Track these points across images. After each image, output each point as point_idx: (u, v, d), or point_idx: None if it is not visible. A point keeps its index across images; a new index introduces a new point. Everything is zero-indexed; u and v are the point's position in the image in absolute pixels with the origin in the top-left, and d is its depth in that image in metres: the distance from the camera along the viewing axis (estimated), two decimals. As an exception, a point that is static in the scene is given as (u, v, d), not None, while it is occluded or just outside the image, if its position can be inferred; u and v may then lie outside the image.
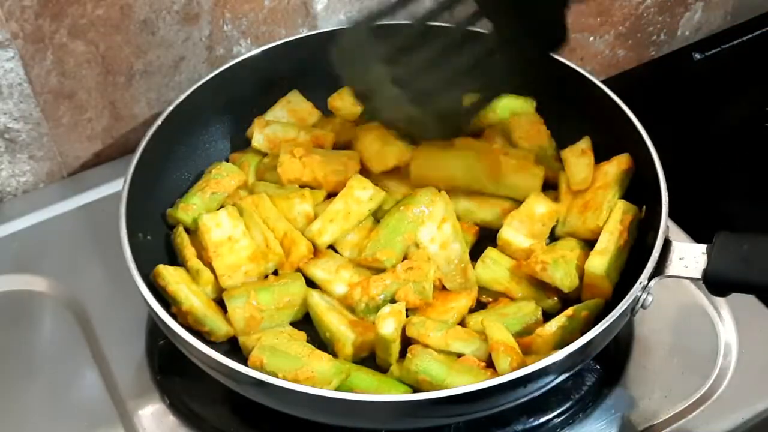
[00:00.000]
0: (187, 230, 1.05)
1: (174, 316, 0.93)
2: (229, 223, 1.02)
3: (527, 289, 1.00)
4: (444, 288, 1.01)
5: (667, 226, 0.94)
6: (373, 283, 0.98)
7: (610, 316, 0.87)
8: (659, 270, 0.92)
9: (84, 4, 1.10)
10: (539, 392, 0.89)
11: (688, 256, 0.92)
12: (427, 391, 0.87)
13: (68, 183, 1.23)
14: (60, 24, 1.10)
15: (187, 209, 1.05)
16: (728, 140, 1.38)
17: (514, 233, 1.03)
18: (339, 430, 0.92)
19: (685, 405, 0.98)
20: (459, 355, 0.93)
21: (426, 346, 0.93)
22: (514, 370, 0.87)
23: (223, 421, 0.98)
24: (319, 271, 1.02)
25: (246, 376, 0.84)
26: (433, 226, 1.03)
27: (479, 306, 1.01)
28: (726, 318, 1.05)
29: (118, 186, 1.05)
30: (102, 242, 1.12)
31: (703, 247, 0.91)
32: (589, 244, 1.02)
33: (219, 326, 0.96)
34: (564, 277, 0.97)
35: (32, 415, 0.99)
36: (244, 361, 0.89)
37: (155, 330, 1.03)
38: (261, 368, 0.90)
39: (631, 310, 0.90)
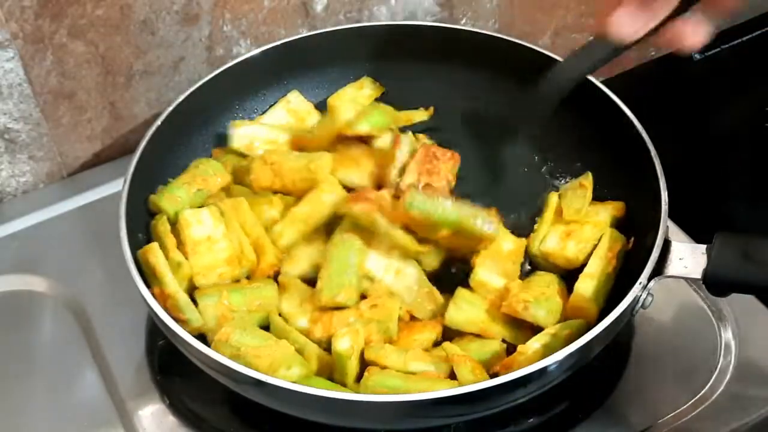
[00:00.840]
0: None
1: (154, 296, 0.92)
2: (211, 223, 1.01)
3: (504, 329, 0.98)
4: (412, 317, 0.99)
5: (667, 226, 0.94)
6: (336, 320, 0.95)
7: (610, 315, 0.87)
8: (659, 270, 0.92)
9: (84, 4, 1.10)
10: (539, 392, 0.89)
11: (688, 256, 0.92)
12: None
13: (68, 183, 1.23)
14: (60, 24, 1.10)
15: (172, 200, 1.04)
16: (728, 140, 1.38)
17: (488, 273, 1.00)
18: (339, 430, 0.92)
19: (685, 405, 0.98)
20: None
21: (384, 367, 0.92)
22: (477, 380, 0.87)
23: (223, 422, 0.98)
24: (283, 303, 0.99)
25: (245, 377, 0.84)
26: (379, 254, 1.00)
27: (444, 339, 0.99)
28: (726, 318, 1.05)
29: (117, 186, 1.04)
30: (102, 242, 1.11)
31: (702, 247, 0.91)
32: (564, 276, 1.01)
33: (197, 318, 0.95)
34: (547, 315, 0.96)
35: (32, 415, 0.99)
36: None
37: (155, 330, 1.03)
38: (227, 342, 0.90)
39: (632, 309, 0.90)
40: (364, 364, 0.93)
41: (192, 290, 0.98)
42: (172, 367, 1.01)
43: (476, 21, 1.40)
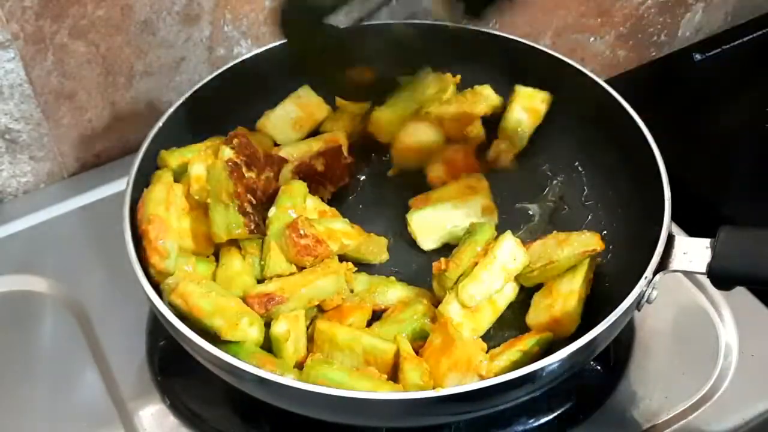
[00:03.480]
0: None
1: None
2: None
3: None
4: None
5: (671, 221, 0.94)
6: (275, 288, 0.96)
7: (615, 311, 0.87)
8: (663, 265, 0.91)
9: (85, 4, 1.10)
10: (540, 392, 0.89)
11: (692, 251, 0.91)
12: None
13: (69, 183, 1.23)
14: (61, 25, 1.10)
15: (179, 156, 1.05)
16: (728, 141, 1.38)
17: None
18: (339, 428, 0.92)
19: (686, 406, 0.98)
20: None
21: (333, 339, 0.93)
22: (424, 384, 0.87)
23: (224, 422, 0.98)
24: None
25: (248, 373, 0.84)
26: None
27: (374, 318, 0.99)
28: (727, 319, 1.05)
29: (118, 186, 1.04)
30: (103, 243, 1.12)
31: (707, 241, 0.91)
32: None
33: (172, 266, 0.95)
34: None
35: (33, 416, 0.99)
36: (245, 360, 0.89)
37: (156, 330, 1.03)
38: (180, 291, 0.91)
39: (637, 304, 0.90)
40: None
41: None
42: (172, 368, 1.01)
43: (477, 21, 1.40)
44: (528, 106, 1.14)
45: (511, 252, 0.97)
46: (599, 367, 1.01)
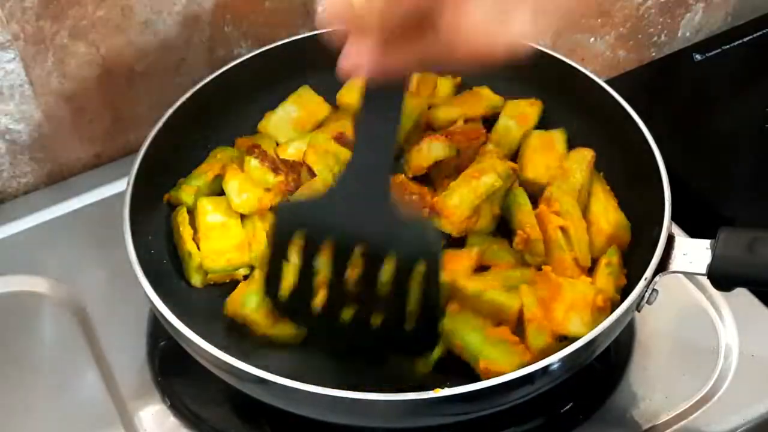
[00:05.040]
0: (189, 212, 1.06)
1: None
2: (225, 210, 1.04)
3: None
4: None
5: (671, 222, 0.94)
6: None
7: (615, 312, 0.87)
8: (663, 266, 0.91)
9: (85, 5, 1.10)
10: (540, 392, 0.89)
11: (692, 252, 0.91)
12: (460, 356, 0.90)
13: (69, 184, 1.23)
14: (61, 25, 1.10)
15: (190, 190, 1.06)
16: (729, 141, 1.38)
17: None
18: (340, 429, 0.92)
19: (686, 406, 0.98)
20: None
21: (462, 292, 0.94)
22: (546, 344, 0.89)
23: (225, 423, 0.98)
24: None
25: (249, 374, 0.84)
26: None
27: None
28: (727, 319, 1.05)
29: (119, 187, 1.04)
30: (103, 244, 1.11)
31: (707, 242, 0.91)
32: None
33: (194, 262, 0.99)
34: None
35: (33, 417, 0.99)
36: (245, 358, 0.89)
37: (156, 331, 1.03)
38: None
39: (636, 305, 0.90)
40: None
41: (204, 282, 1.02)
42: (173, 369, 1.01)
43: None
44: (516, 113, 1.14)
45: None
46: (599, 368, 1.01)
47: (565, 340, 0.91)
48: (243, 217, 1.04)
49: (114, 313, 1.06)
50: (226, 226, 1.03)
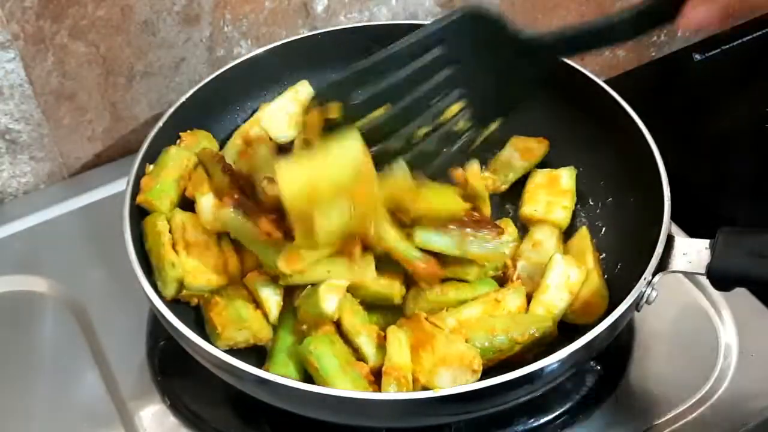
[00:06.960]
0: None
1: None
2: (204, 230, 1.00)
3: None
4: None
5: (670, 222, 0.94)
6: None
7: (615, 312, 0.87)
8: (663, 265, 0.92)
9: (85, 5, 1.10)
10: (540, 392, 0.89)
11: (692, 252, 0.92)
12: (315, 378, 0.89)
13: (69, 184, 1.23)
14: (61, 25, 1.10)
15: (165, 199, 1.01)
16: (728, 141, 1.38)
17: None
18: (340, 428, 0.92)
19: (686, 406, 0.98)
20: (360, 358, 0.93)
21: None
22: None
23: (224, 422, 0.98)
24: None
25: (249, 374, 0.84)
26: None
27: None
28: (726, 319, 1.05)
29: (118, 187, 1.04)
30: (103, 243, 1.12)
31: (706, 242, 0.91)
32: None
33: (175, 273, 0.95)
34: None
35: (33, 416, 0.99)
36: (246, 360, 0.89)
37: (156, 331, 1.03)
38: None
39: (636, 305, 0.91)
40: None
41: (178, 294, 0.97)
42: (172, 368, 1.01)
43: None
44: (521, 147, 1.15)
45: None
46: (599, 367, 1.01)
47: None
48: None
49: (114, 312, 1.06)
50: (207, 245, 0.99)
